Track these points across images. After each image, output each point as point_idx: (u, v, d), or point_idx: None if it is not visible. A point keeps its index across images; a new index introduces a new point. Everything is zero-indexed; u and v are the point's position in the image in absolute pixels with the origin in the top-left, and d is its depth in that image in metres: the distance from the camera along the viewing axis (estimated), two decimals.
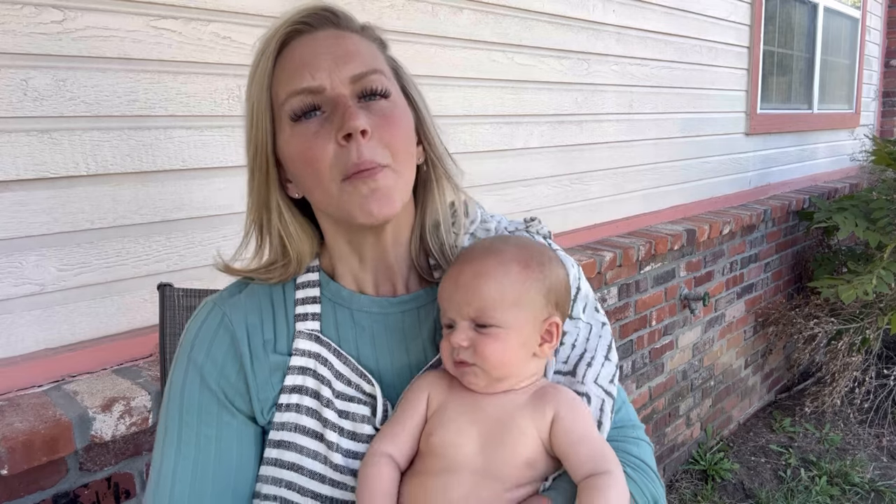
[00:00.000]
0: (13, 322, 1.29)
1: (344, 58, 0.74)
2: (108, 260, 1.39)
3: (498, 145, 2.26)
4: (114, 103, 1.36)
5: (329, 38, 0.75)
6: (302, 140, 0.73)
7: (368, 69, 0.74)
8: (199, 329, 0.81)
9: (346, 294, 0.83)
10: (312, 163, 0.72)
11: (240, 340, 0.79)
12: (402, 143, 0.75)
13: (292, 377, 0.78)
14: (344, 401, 0.78)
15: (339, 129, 0.71)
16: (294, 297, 0.82)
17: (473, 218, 0.89)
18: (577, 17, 2.49)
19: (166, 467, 0.77)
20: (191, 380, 0.79)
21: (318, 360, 0.79)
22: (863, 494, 2.95)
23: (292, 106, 0.73)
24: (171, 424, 0.79)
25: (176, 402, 0.79)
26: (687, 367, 3.14)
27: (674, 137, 3.10)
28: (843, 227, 3.14)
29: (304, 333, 0.80)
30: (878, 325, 3.28)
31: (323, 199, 0.75)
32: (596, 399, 0.79)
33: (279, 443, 0.77)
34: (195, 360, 0.79)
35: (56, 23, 1.28)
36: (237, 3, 1.53)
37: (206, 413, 0.78)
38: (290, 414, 0.77)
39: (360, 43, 0.77)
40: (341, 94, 0.73)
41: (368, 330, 0.82)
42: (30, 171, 1.27)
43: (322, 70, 0.73)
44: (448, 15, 2.05)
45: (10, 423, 1.14)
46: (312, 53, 0.74)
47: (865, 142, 4.76)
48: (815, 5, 4.38)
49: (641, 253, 2.61)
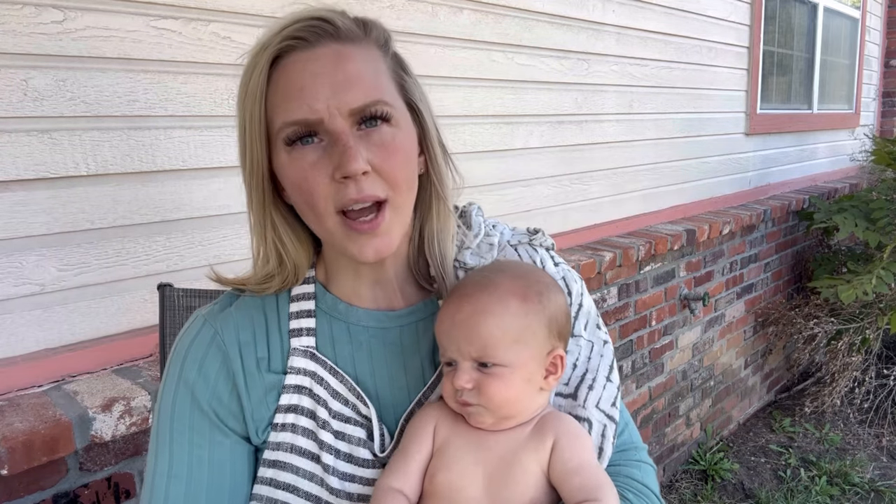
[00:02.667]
0: (13, 322, 1.29)
1: (344, 84, 0.69)
2: (108, 260, 1.39)
3: (498, 145, 2.26)
4: (114, 103, 1.36)
5: (328, 57, 0.69)
6: (298, 169, 0.70)
7: (369, 101, 0.69)
8: (190, 345, 0.79)
9: (343, 307, 0.80)
10: (308, 196, 0.70)
11: (232, 359, 0.77)
12: (402, 172, 0.72)
13: (288, 396, 0.76)
14: (341, 421, 0.76)
15: (337, 168, 0.68)
16: (288, 311, 0.80)
17: (477, 231, 0.85)
18: (577, 17, 2.49)
19: (158, 487, 0.76)
20: (181, 398, 0.77)
21: (314, 378, 0.77)
22: (863, 494, 2.95)
23: (287, 134, 0.70)
24: (161, 442, 0.77)
25: (167, 419, 0.77)
26: (687, 367, 3.14)
27: (674, 137, 3.10)
28: (842, 228, 3.14)
29: (298, 350, 0.78)
30: (877, 325, 3.28)
31: (318, 229, 0.74)
32: (598, 424, 0.77)
33: (274, 462, 0.76)
34: (186, 378, 0.77)
35: (56, 23, 1.28)
36: (237, 3, 1.53)
37: (198, 433, 0.76)
38: (286, 434, 0.76)
39: (361, 60, 0.71)
40: (340, 128, 0.68)
41: (366, 345, 0.80)
42: (30, 171, 1.27)
43: (320, 100, 0.68)
44: (448, 15, 2.05)
45: (10, 423, 1.14)
46: (311, 77, 0.69)
47: (865, 142, 4.77)
48: (815, 5, 4.38)
49: (641, 253, 2.61)
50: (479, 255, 0.84)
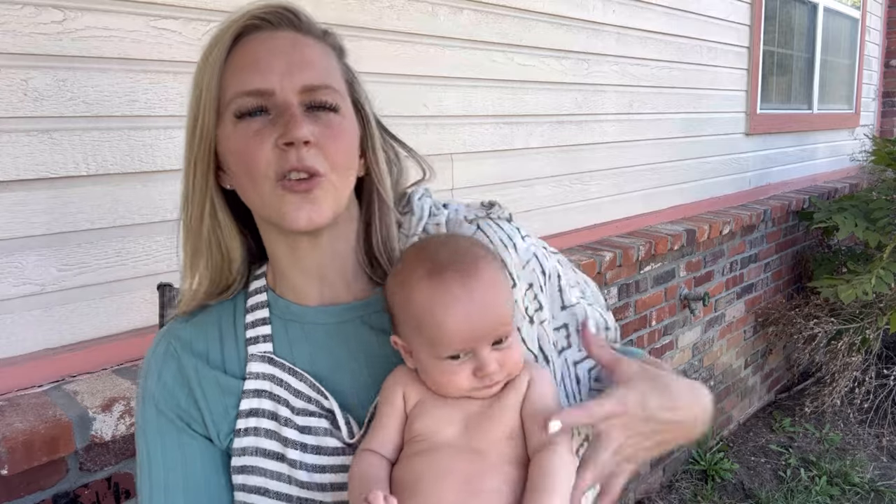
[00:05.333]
0: (13, 322, 1.29)
1: (299, 64, 0.72)
2: (108, 260, 1.39)
3: (498, 145, 2.26)
4: (114, 103, 1.36)
5: (287, 39, 0.73)
6: (242, 137, 0.71)
7: (321, 83, 0.73)
8: (150, 359, 0.83)
9: (296, 309, 0.81)
10: (249, 161, 0.71)
11: (185, 366, 0.80)
12: (342, 156, 0.73)
13: (247, 401, 0.78)
14: (304, 416, 0.77)
15: (281, 136, 0.69)
16: (244, 321, 0.82)
17: (420, 215, 0.84)
18: (577, 17, 2.49)
19: (144, 496, 0.80)
20: (148, 409, 0.81)
21: (273, 380, 0.78)
22: (863, 494, 2.95)
23: (238, 105, 0.72)
24: (142, 457, 0.81)
25: (141, 433, 0.82)
26: (687, 368, 3.14)
27: (674, 137, 3.10)
28: (842, 228, 3.14)
29: (256, 356, 0.79)
30: (877, 324, 3.28)
31: (254, 199, 0.74)
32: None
33: (242, 468, 0.77)
34: (149, 389, 0.81)
35: (56, 23, 1.28)
36: (237, 4, 1.52)
37: (167, 437, 0.80)
38: (249, 438, 0.77)
39: (317, 50, 0.75)
40: (289, 100, 0.71)
41: (323, 343, 0.80)
42: (30, 171, 1.27)
43: (274, 73, 0.71)
44: (448, 15, 2.05)
45: (10, 423, 1.14)
46: (268, 52, 0.72)
47: (865, 142, 4.76)
48: (814, 5, 4.38)
49: (641, 253, 2.61)
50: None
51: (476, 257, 0.72)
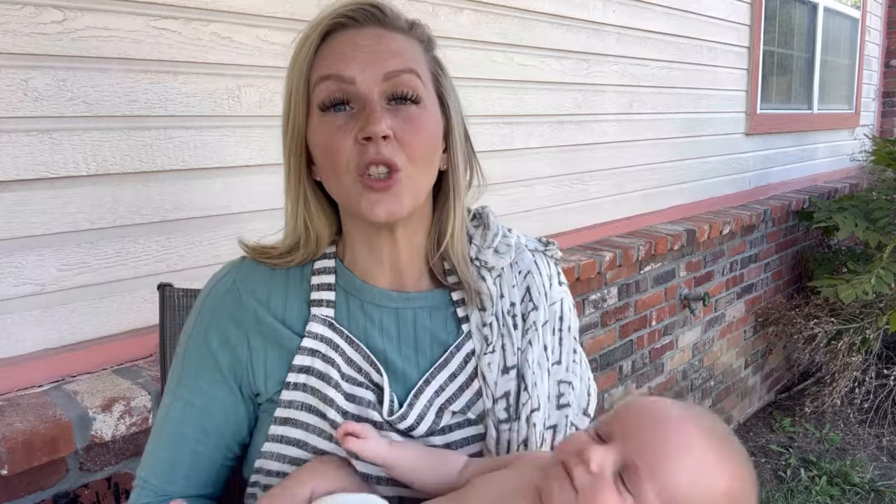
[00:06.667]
0: (13, 322, 1.29)
1: (383, 53, 0.75)
2: (108, 260, 1.39)
3: (498, 145, 2.26)
4: (114, 103, 1.36)
5: (372, 35, 0.76)
6: (327, 131, 0.75)
7: (403, 67, 0.75)
8: (211, 289, 0.86)
9: (360, 284, 0.84)
10: (332, 154, 0.74)
11: (245, 305, 0.82)
12: (422, 149, 0.76)
13: (301, 357, 0.80)
14: (352, 384, 0.79)
15: (360, 130, 0.72)
16: (311, 282, 0.84)
17: (496, 231, 0.90)
18: (577, 17, 2.49)
19: (164, 405, 0.84)
20: (196, 336, 0.84)
21: (330, 344, 0.80)
22: (863, 494, 2.95)
23: (321, 93, 0.75)
24: (174, 370, 0.85)
25: (180, 351, 0.85)
26: (687, 368, 3.15)
27: (674, 137, 3.10)
28: (842, 227, 3.14)
29: (318, 318, 0.82)
30: (877, 324, 3.28)
31: (336, 190, 0.78)
32: None
33: (286, 420, 0.79)
34: (202, 320, 0.84)
35: (56, 23, 1.28)
36: (237, 3, 1.53)
37: (205, 367, 0.82)
38: (298, 393, 0.79)
39: (402, 42, 0.78)
40: (370, 91, 0.74)
41: (378, 322, 0.83)
42: (30, 171, 1.27)
43: (357, 63, 0.74)
44: (448, 15, 2.05)
45: (10, 423, 1.14)
46: (352, 46, 0.75)
47: (865, 142, 4.76)
48: (815, 5, 4.38)
49: (641, 253, 2.61)
50: (498, 255, 0.88)
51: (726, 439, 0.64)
